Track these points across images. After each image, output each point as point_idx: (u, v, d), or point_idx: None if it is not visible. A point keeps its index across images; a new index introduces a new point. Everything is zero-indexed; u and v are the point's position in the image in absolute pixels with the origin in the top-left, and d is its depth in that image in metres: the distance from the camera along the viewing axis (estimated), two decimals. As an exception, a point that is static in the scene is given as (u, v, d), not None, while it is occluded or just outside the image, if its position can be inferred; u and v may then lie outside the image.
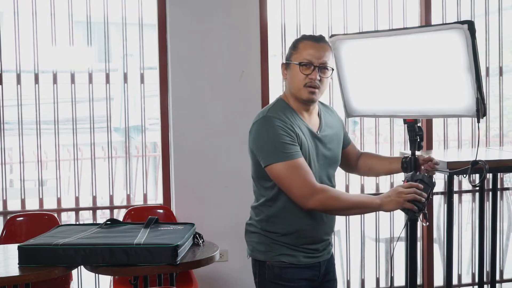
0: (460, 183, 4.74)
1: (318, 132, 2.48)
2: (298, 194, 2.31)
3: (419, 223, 2.61)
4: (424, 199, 2.31)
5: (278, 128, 2.33)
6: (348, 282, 4.62)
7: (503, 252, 4.92)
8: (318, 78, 2.42)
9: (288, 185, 2.32)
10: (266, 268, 2.45)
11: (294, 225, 2.42)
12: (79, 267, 2.91)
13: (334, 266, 2.63)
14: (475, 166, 2.47)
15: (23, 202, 4.17)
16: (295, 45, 2.47)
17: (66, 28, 4.14)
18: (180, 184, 4.18)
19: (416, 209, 2.32)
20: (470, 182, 2.49)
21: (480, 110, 2.32)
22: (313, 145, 2.43)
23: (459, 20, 2.67)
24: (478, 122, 2.35)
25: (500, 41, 4.71)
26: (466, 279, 4.81)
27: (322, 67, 2.42)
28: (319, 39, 2.46)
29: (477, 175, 4.45)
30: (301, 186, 2.30)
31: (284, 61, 2.50)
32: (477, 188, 4.03)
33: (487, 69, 4.68)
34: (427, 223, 2.43)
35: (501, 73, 4.73)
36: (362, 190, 4.62)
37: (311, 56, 2.41)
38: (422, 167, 2.52)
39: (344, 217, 4.62)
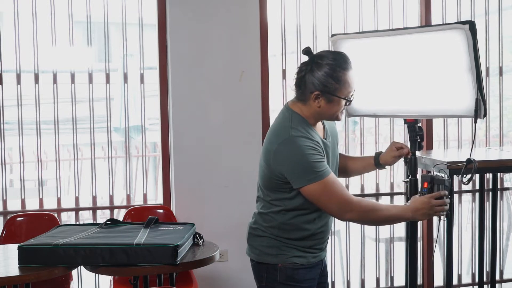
0: (460, 183, 4.73)
1: (326, 139, 2.49)
2: (335, 210, 2.36)
3: (419, 223, 2.62)
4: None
5: (307, 148, 2.31)
6: (348, 282, 4.62)
7: (503, 252, 4.92)
8: None
9: (326, 203, 2.34)
10: (277, 271, 2.45)
11: (307, 230, 2.44)
12: (79, 267, 2.92)
13: (326, 262, 2.68)
14: (469, 165, 2.48)
15: (23, 202, 4.17)
16: (338, 78, 2.34)
17: (66, 28, 4.14)
18: (180, 184, 4.18)
19: (444, 216, 2.47)
20: (462, 181, 2.50)
21: (480, 111, 2.32)
22: (326, 153, 2.45)
23: (459, 20, 2.67)
24: (475, 122, 2.35)
25: (500, 41, 4.70)
26: (466, 279, 4.81)
27: None
28: (351, 65, 2.39)
29: (477, 175, 4.49)
30: (338, 202, 2.34)
31: (323, 91, 2.35)
32: (468, 183, 4.02)
33: (487, 69, 4.68)
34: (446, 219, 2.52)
35: (501, 73, 4.73)
36: (362, 190, 4.62)
37: (352, 89, 2.39)
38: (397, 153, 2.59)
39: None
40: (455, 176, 3.13)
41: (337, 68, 2.34)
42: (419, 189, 2.51)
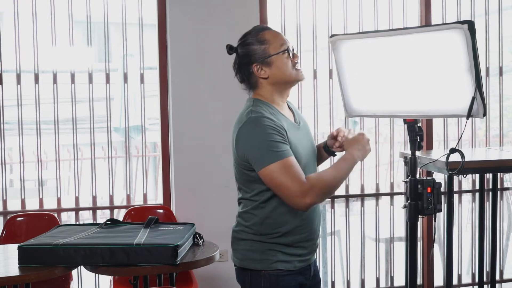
0: (460, 183, 4.74)
1: (296, 123, 2.46)
2: (291, 194, 2.22)
3: (419, 223, 2.62)
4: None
5: (268, 128, 2.26)
6: (348, 282, 4.62)
7: (503, 252, 4.92)
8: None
9: (283, 186, 2.22)
10: (261, 277, 2.36)
11: (290, 223, 2.35)
12: (79, 267, 2.92)
13: (317, 267, 2.59)
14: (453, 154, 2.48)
15: (23, 202, 4.17)
16: (261, 40, 2.37)
17: (66, 28, 4.14)
18: (180, 184, 4.18)
19: None
20: (446, 169, 2.50)
21: (479, 110, 2.31)
22: (297, 135, 2.39)
23: (459, 20, 2.66)
24: (467, 119, 2.34)
25: (500, 41, 4.71)
26: (466, 279, 4.81)
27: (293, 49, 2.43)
28: (270, 28, 2.45)
29: (477, 175, 4.49)
30: (294, 186, 2.21)
31: (258, 61, 2.36)
32: (455, 174, 4.03)
33: (487, 69, 4.68)
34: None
35: (501, 73, 4.73)
36: (362, 190, 4.62)
37: (283, 40, 2.39)
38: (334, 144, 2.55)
39: (344, 216, 4.63)
40: (455, 176, 3.13)
41: (256, 34, 2.39)
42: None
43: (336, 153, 2.64)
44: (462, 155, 2.42)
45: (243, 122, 2.32)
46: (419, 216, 2.54)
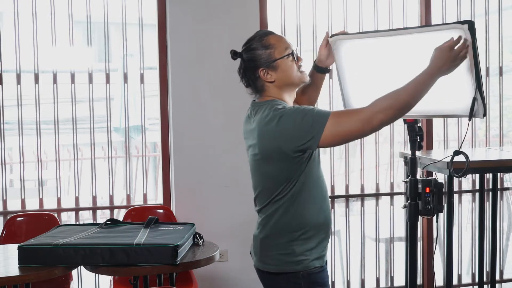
0: (460, 183, 4.74)
1: None
2: (362, 124, 2.19)
3: (419, 223, 2.62)
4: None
5: (299, 107, 2.29)
6: (348, 282, 4.62)
7: (503, 252, 4.92)
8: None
9: (349, 128, 2.21)
10: (300, 278, 2.34)
11: (317, 216, 2.35)
12: (79, 267, 2.92)
13: None
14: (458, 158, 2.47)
15: (23, 202, 4.17)
16: (266, 45, 2.39)
17: (66, 28, 4.14)
18: (180, 184, 4.18)
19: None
20: (451, 172, 2.49)
21: (479, 110, 2.31)
22: None
23: (459, 20, 2.66)
24: (469, 120, 2.34)
25: (500, 41, 4.71)
26: (466, 279, 4.81)
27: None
28: (273, 32, 2.48)
29: (477, 175, 4.49)
30: (358, 117, 2.20)
31: (264, 65, 2.38)
32: (460, 177, 4.02)
33: (487, 69, 4.68)
34: None
35: (501, 73, 4.73)
36: (362, 190, 4.62)
37: (287, 44, 2.43)
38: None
39: (344, 216, 4.62)
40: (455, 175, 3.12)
41: (260, 39, 2.41)
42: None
43: (329, 67, 2.64)
44: (467, 158, 2.42)
45: (277, 118, 2.29)
46: (421, 216, 2.54)
